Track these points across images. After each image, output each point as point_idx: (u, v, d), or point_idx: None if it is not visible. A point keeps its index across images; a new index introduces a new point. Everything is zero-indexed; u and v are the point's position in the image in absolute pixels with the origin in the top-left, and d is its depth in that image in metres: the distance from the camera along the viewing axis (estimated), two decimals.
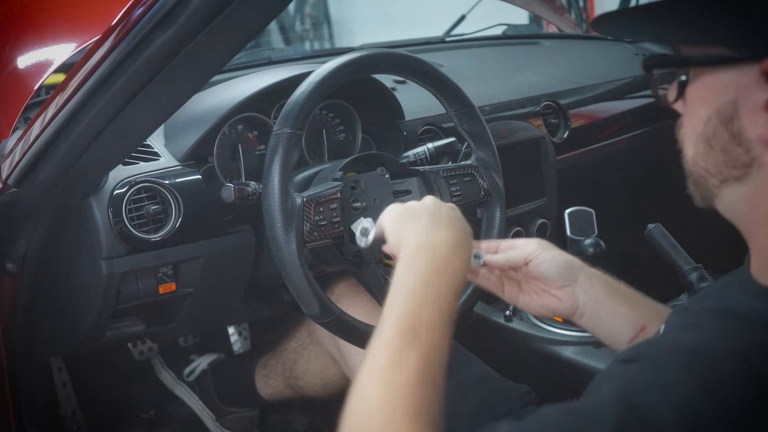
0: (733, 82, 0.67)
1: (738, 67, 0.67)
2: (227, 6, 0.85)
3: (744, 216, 0.73)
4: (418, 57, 1.28)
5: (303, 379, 1.67)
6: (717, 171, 0.71)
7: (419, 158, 1.42)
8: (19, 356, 1.37)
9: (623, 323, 1.01)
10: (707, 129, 0.70)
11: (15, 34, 1.49)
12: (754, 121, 0.66)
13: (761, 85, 0.65)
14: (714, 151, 0.70)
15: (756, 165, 0.68)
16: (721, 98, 0.69)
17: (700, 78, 0.71)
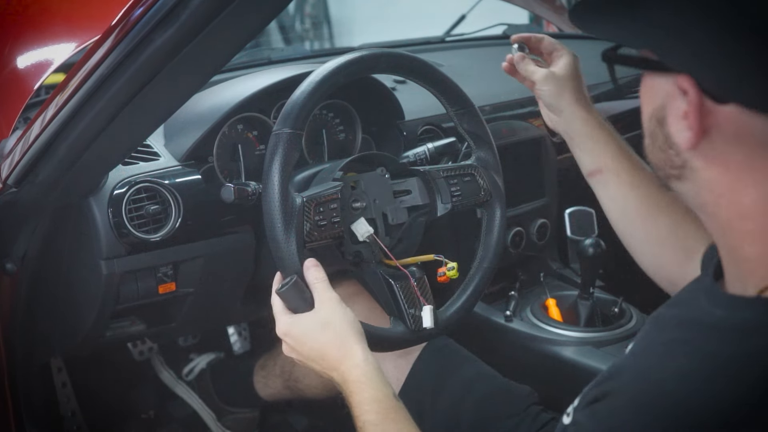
0: (663, 88, 0.70)
1: (665, 75, 0.69)
2: (227, 6, 0.85)
3: (700, 213, 0.75)
4: (418, 57, 1.28)
5: (302, 382, 1.67)
6: (660, 167, 0.74)
7: (419, 158, 1.42)
8: (19, 356, 1.37)
9: (585, 159, 1.18)
10: (650, 126, 0.74)
11: (15, 34, 1.49)
12: (677, 128, 0.69)
13: (680, 95, 0.68)
14: (655, 149, 0.74)
15: (689, 168, 0.71)
16: (655, 101, 0.72)
17: (645, 78, 0.74)
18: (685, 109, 0.67)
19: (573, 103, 1.18)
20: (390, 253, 1.21)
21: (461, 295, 1.27)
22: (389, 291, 1.19)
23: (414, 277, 1.20)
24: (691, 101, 0.66)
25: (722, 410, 0.63)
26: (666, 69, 0.68)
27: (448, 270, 1.21)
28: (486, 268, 1.30)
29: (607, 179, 1.14)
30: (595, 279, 1.57)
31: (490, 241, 1.31)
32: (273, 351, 1.76)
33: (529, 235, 1.75)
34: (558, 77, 1.19)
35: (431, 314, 1.18)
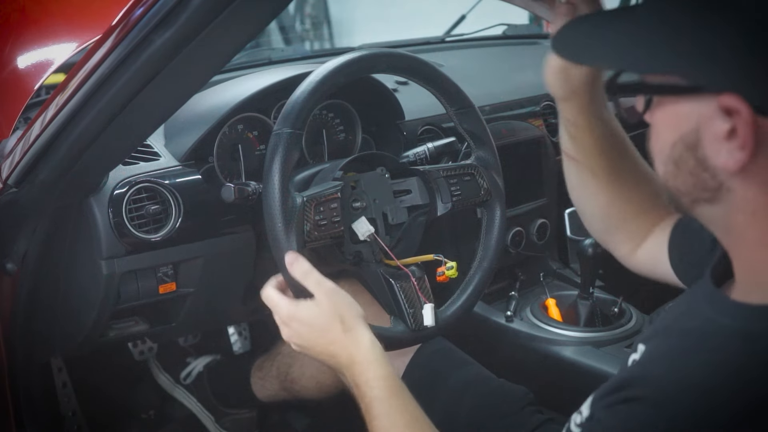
0: (695, 111, 0.67)
1: (698, 97, 0.66)
2: (227, 6, 0.85)
3: (721, 232, 0.73)
4: (417, 57, 1.28)
5: (298, 383, 1.67)
6: (687, 191, 0.71)
7: (419, 158, 1.42)
8: (19, 356, 1.37)
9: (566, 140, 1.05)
10: (674, 152, 0.70)
11: (15, 34, 1.49)
12: (716, 150, 0.66)
13: (720, 116, 0.65)
14: (682, 174, 0.70)
15: (724, 190, 0.68)
16: (684, 126, 0.68)
17: (664, 104, 0.71)
18: (727, 129, 0.64)
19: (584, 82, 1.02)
20: (391, 253, 1.21)
21: (461, 295, 1.27)
22: (389, 290, 1.19)
23: (414, 277, 1.20)
24: (743, 119, 0.63)
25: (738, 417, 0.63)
26: (699, 91, 0.66)
27: (447, 269, 1.22)
28: (486, 267, 1.30)
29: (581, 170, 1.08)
30: (595, 279, 1.57)
31: (490, 240, 1.31)
32: (270, 352, 1.76)
33: (529, 235, 1.75)
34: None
35: (432, 313, 1.18)
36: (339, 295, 1.05)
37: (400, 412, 0.98)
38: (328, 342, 1.03)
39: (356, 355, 1.02)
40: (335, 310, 1.04)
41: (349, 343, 1.03)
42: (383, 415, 0.98)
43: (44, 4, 1.55)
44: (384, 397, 0.98)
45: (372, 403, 0.98)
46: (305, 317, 1.05)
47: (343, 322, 1.03)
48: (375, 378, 1.00)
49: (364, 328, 1.04)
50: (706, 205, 0.71)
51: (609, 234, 1.11)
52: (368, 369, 1.01)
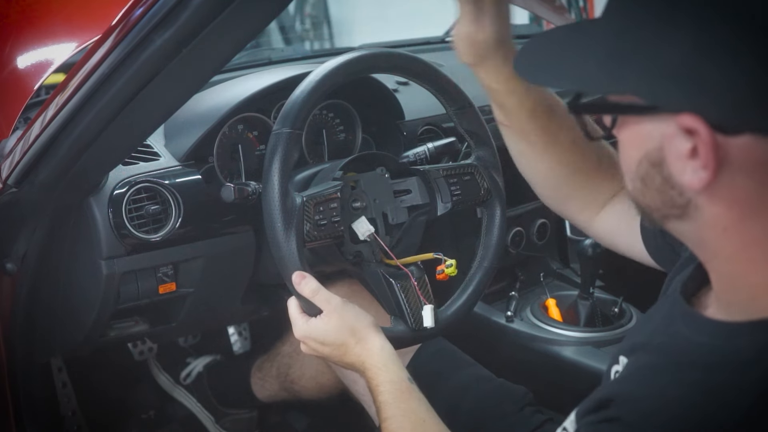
0: (657, 130, 0.66)
1: (659, 116, 0.66)
2: (227, 6, 0.85)
3: (694, 246, 0.73)
4: (417, 57, 1.28)
5: (298, 383, 1.67)
6: (656, 208, 0.71)
7: (419, 158, 1.42)
8: (19, 356, 1.37)
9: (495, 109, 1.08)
10: (640, 170, 0.70)
11: (15, 34, 1.49)
12: (681, 168, 0.65)
13: (682, 135, 0.64)
14: (650, 191, 0.70)
15: (692, 206, 0.67)
16: (648, 144, 0.68)
17: (628, 123, 0.70)
18: (689, 148, 0.64)
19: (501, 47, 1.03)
20: (390, 252, 1.21)
21: (461, 295, 1.27)
22: (389, 290, 1.19)
23: (414, 276, 1.20)
24: (702, 140, 0.62)
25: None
26: (657, 111, 0.65)
27: (447, 267, 1.21)
28: (486, 267, 1.29)
29: (515, 137, 1.08)
30: (595, 279, 1.57)
31: (490, 240, 1.31)
32: (270, 352, 1.76)
33: (529, 235, 1.74)
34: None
35: (432, 313, 1.18)
36: (348, 309, 1.10)
37: (406, 415, 1.01)
38: (343, 354, 1.09)
39: (367, 362, 1.07)
40: (346, 325, 1.08)
41: (360, 352, 1.07)
42: (391, 418, 1.02)
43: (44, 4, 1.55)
44: (391, 401, 1.02)
45: (382, 407, 1.03)
46: (319, 335, 1.10)
47: (354, 335, 1.08)
48: (383, 382, 1.04)
49: (375, 336, 1.08)
50: (677, 221, 0.70)
51: (561, 203, 1.12)
52: (377, 374, 1.05)
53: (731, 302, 0.71)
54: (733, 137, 0.62)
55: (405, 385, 1.04)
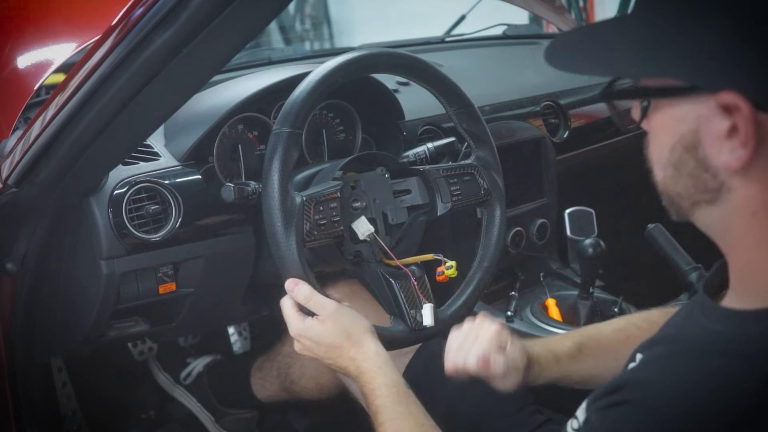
0: (693, 112, 0.67)
1: (695, 98, 0.66)
2: (227, 6, 0.85)
3: (719, 235, 0.73)
4: (417, 57, 1.28)
5: (298, 384, 1.67)
6: (688, 195, 0.71)
7: (419, 158, 1.42)
8: (19, 356, 1.37)
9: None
10: (673, 155, 0.70)
11: (15, 34, 1.49)
12: (717, 149, 0.66)
13: (720, 114, 0.65)
14: (682, 177, 0.70)
15: (725, 189, 0.68)
16: (682, 127, 0.68)
17: (661, 107, 0.70)
18: (727, 128, 0.64)
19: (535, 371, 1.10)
20: (390, 252, 1.21)
21: (461, 295, 1.27)
22: (389, 290, 1.19)
23: (414, 276, 1.20)
24: (743, 116, 0.63)
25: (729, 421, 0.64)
26: (697, 91, 0.66)
27: (447, 269, 1.22)
28: (486, 267, 1.30)
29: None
30: (595, 279, 1.57)
31: (490, 240, 1.31)
32: (270, 353, 1.76)
33: (529, 235, 1.75)
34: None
35: (432, 312, 1.18)
36: (343, 314, 1.10)
37: (404, 418, 1.01)
38: (337, 356, 1.09)
39: (362, 366, 1.06)
40: (341, 329, 1.08)
41: (356, 355, 1.07)
42: (388, 421, 1.01)
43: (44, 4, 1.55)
44: (388, 405, 1.02)
45: (378, 411, 1.02)
46: (314, 335, 1.10)
47: (349, 338, 1.08)
48: (380, 386, 1.04)
49: (371, 340, 1.08)
50: (706, 207, 0.70)
51: None
52: (373, 378, 1.05)
53: (748, 291, 0.71)
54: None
55: (402, 389, 1.04)
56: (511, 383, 1.06)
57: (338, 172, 1.23)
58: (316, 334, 1.09)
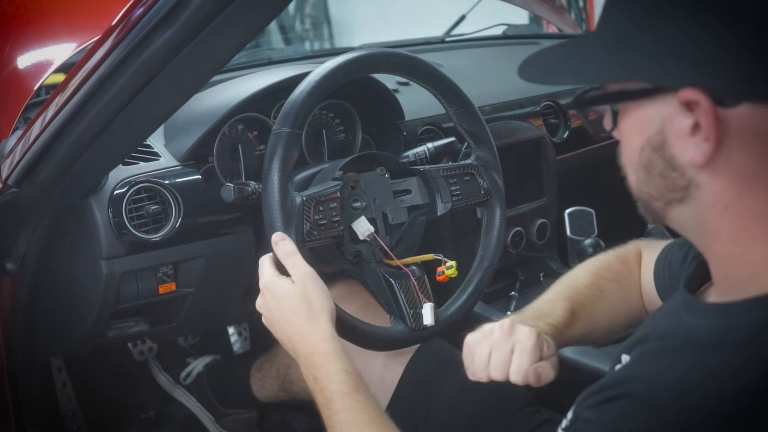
0: (658, 112, 0.69)
1: (659, 98, 0.68)
2: (227, 6, 0.85)
3: (694, 233, 0.74)
4: (417, 57, 1.28)
5: (298, 384, 1.67)
6: (660, 195, 0.73)
7: (419, 158, 1.42)
8: (19, 356, 1.37)
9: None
10: (642, 157, 0.72)
11: (15, 34, 1.49)
12: (682, 146, 0.68)
13: (682, 112, 0.67)
14: (653, 177, 0.72)
15: (694, 186, 0.69)
16: (649, 128, 0.70)
17: (628, 110, 0.72)
18: (690, 124, 0.66)
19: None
20: (390, 252, 1.21)
21: (461, 295, 1.27)
22: (389, 290, 1.19)
23: (414, 276, 1.20)
24: (704, 110, 0.65)
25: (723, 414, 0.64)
26: (660, 91, 0.67)
27: (447, 269, 1.22)
28: (486, 267, 1.30)
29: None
30: None
31: (490, 240, 1.31)
32: (270, 353, 1.76)
33: (529, 235, 1.74)
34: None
35: (432, 311, 1.18)
36: (313, 283, 1.05)
37: (364, 407, 0.95)
38: (290, 323, 1.03)
39: (317, 346, 1.00)
40: (305, 295, 1.03)
41: (310, 331, 1.02)
42: (347, 409, 0.95)
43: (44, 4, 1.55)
44: (347, 392, 0.96)
45: (333, 397, 0.96)
46: (277, 292, 1.05)
47: (309, 309, 1.03)
48: (337, 372, 0.97)
49: (328, 322, 1.03)
50: (679, 207, 0.72)
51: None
52: (330, 362, 0.98)
53: (731, 285, 0.72)
54: (731, 109, 0.65)
55: (359, 378, 0.98)
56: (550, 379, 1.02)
57: (338, 172, 1.23)
58: (280, 291, 1.04)
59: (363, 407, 0.95)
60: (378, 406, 0.97)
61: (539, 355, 0.98)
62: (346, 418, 0.94)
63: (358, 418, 0.94)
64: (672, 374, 0.69)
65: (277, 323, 1.05)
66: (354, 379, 0.97)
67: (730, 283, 0.73)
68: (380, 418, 0.95)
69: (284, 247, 1.08)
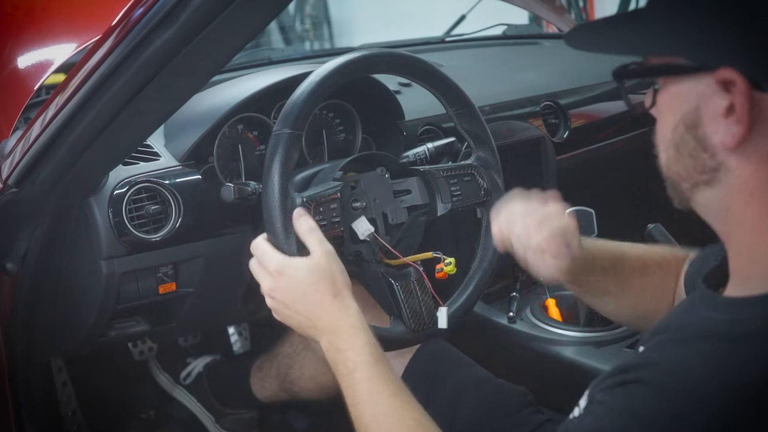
0: (694, 90, 0.70)
1: (697, 76, 0.69)
2: (227, 6, 0.85)
3: (718, 219, 0.75)
4: (418, 57, 1.28)
5: (298, 384, 1.67)
6: (687, 175, 0.73)
7: (419, 158, 1.42)
8: (19, 356, 1.37)
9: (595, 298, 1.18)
10: (675, 135, 0.73)
11: (15, 34, 1.49)
12: (715, 128, 0.69)
13: (719, 93, 0.68)
14: (683, 157, 0.73)
15: (723, 170, 0.70)
16: (685, 106, 0.71)
17: (667, 86, 0.74)
18: (725, 106, 0.67)
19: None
20: (393, 250, 1.21)
21: (461, 295, 1.27)
22: (389, 290, 1.19)
23: (414, 277, 1.20)
24: (739, 92, 0.66)
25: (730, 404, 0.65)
26: (698, 70, 0.69)
27: (446, 266, 1.22)
28: (486, 268, 1.30)
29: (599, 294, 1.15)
30: None
31: (490, 240, 1.31)
32: (270, 353, 1.76)
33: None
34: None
35: (446, 315, 1.19)
36: (336, 260, 1.05)
37: (386, 379, 0.96)
38: (314, 302, 1.02)
39: (343, 320, 1.00)
40: (330, 272, 1.03)
41: (336, 307, 1.01)
42: (369, 380, 0.96)
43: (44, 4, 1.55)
44: (372, 363, 0.97)
45: (357, 368, 0.97)
46: (296, 272, 1.03)
47: (333, 285, 1.03)
48: (362, 344, 0.98)
49: (351, 297, 1.03)
50: (705, 189, 0.73)
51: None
52: (356, 334, 0.99)
53: (748, 277, 0.72)
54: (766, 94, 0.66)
55: (380, 350, 1.00)
56: (552, 270, 1.04)
57: (338, 172, 1.23)
58: (299, 270, 1.03)
59: (385, 379, 0.96)
60: (399, 381, 0.98)
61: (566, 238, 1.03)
62: (368, 387, 0.95)
63: (380, 389, 0.95)
64: (683, 362, 0.69)
65: (297, 304, 1.03)
66: (378, 352, 0.99)
67: (747, 275, 0.73)
68: (401, 391, 0.96)
69: (305, 222, 1.08)
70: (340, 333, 1.00)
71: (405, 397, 0.96)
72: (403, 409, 0.94)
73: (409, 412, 0.94)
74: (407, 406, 0.95)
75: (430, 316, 1.21)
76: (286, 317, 1.06)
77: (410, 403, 0.96)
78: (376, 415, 0.94)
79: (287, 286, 1.04)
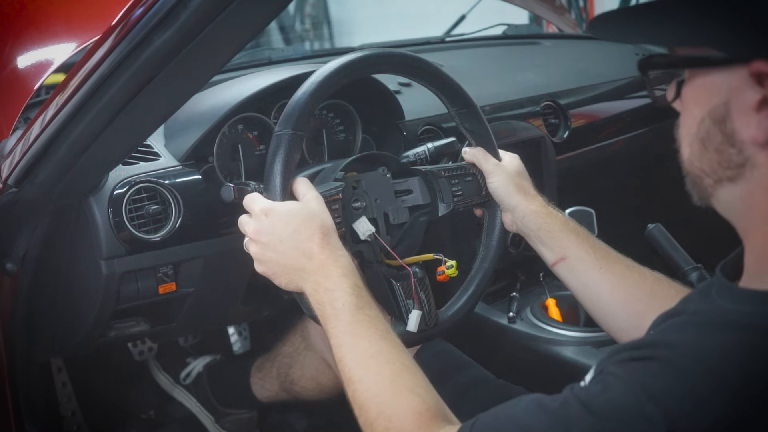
0: (725, 83, 0.68)
1: (728, 68, 0.67)
2: (227, 6, 0.85)
3: (739, 215, 0.73)
4: (419, 56, 1.28)
5: (298, 384, 1.67)
6: (711, 171, 0.72)
7: (419, 158, 1.41)
8: (19, 356, 1.37)
9: (545, 251, 1.23)
10: (701, 129, 0.71)
11: (15, 34, 1.49)
12: (745, 122, 0.67)
13: (751, 86, 0.66)
14: (708, 152, 0.71)
15: (749, 165, 0.68)
16: (713, 99, 0.69)
17: (694, 79, 0.71)
18: (758, 99, 0.65)
19: (522, 198, 1.24)
20: (392, 252, 1.21)
21: (462, 295, 1.27)
22: (390, 291, 1.19)
23: (415, 278, 1.20)
24: None
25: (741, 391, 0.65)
26: (731, 61, 0.67)
27: (447, 268, 1.21)
28: (487, 268, 1.29)
29: (573, 265, 1.17)
30: None
31: (491, 241, 1.31)
32: (270, 353, 1.76)
33: None
34: (505, 170, 1.27)
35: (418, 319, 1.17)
36: (323, 204, 1.05)
37: (374, 322, 0.95)
38: (305, 238, 1.00)
39: (332, 260, 0.98)
40: (320, 213, 1.03)
41: (326, 247, 0.99)
42: (358, 322, 0.94)
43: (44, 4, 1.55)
44: (360, 305, 0.95)
45: (345, 309, 0.95)
46: (282, 213, 1.02)
47: (323, 225, 1.01)
48: (352, 285, 0.96)
49: (339, 240, 1.02)
50: (728, 186, 0.71)
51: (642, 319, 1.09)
52: (346, 274, 0.97)
53: (762, 271, 0.72)
54: None
55: (371, 296, 0.99)
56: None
57: (339, 172, 1.23)
58: (287, 211, 1.01)
59: (374, 322, 0.95)
60: (387, 323, 0.96)
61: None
62: (356, 330, 0.93)
63: (370, 331, 0.93)
64: (700, 346, 0.68)
65: (283, 243, 1.00)
66: (367, 295, 0.97)
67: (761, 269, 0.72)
68: (389, 334, 0.94)
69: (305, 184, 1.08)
70: (330, 274, 0.97)
71: (395, 341, 0.94)
72: (392, 353, 0.92)
73: (398, 357, 0.92)
74: (396, 350, 0.92)
75: (431, 317, 1.21)
76: (271, 264, 1.03)
77: (400, 348, 0.93)
78: (363, 358, 0.91)
79: (275, 224, 1.01)
